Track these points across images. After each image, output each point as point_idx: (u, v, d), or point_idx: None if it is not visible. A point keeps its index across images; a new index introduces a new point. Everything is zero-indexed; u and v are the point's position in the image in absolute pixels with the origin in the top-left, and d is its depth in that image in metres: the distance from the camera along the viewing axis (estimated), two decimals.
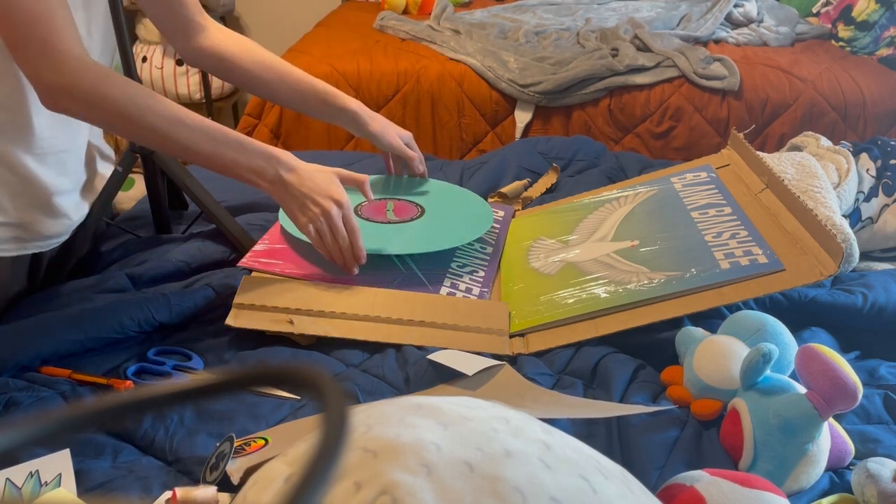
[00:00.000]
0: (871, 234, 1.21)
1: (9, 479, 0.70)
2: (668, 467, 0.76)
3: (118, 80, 0.90)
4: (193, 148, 0.93)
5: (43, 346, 0.92)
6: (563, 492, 0.40)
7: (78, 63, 0.87)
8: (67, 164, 1.06)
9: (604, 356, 0.93)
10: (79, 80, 0.87)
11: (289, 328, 0.96)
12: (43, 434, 0.26)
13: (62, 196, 1.06)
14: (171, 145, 0.93)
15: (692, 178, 1.21)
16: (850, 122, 2.12)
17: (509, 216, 1.29)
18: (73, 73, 0.87)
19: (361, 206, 1.18)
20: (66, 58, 0.86)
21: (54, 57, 0.86)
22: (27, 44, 0.85)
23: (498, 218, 1.27)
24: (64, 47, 0.86)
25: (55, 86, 0.87)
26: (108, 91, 0.88)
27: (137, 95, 0.90)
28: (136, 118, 0.90)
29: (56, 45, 0.86)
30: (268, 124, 2.21)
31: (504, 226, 1.26)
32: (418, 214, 1.18)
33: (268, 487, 0.44)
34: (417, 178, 1.28)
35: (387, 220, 1.16)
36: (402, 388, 0.89)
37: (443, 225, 1.15)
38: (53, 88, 0.87)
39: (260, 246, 1.09)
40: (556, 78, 2.13)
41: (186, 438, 0.80)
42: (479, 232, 1.14)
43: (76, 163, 1.09)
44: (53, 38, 0.85)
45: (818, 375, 0.75)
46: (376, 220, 1.14)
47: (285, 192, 0.98)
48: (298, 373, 0.27)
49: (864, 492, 0.72)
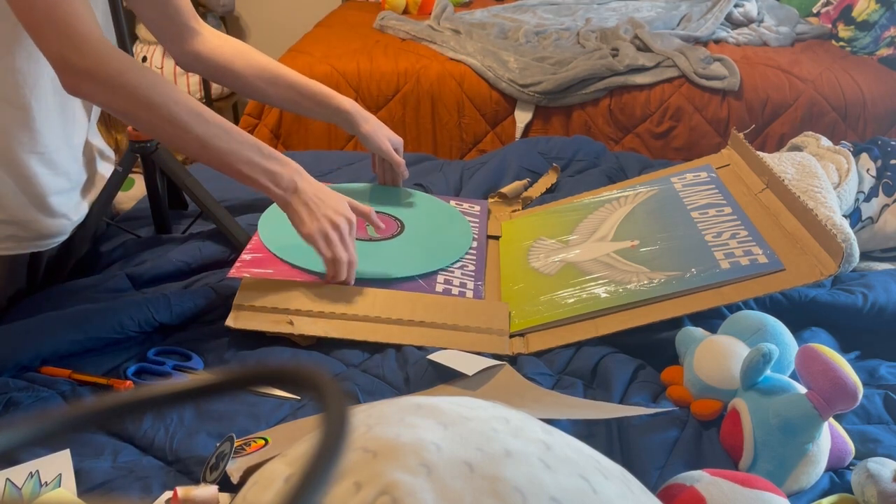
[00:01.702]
0: (871, 234, 1.21)
1: (9, 479, 0.70)
2: (668, 467, 0.76)
3: (141, 67, 0.89)
4: (211, 143, 0.92)
5: (43, 346, 0.91)
6: (563, 492, 0.40)
7: (101, 46, 0.86)
8: (66, 164, 1.06)
9: (604, 356, 0.93)
10: (103, 64, 0.86)
11: (289, 329, 0.95)
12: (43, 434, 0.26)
13: (60, 195, 1.06)
14: (188, 139, 0.91)
15: (692, 178, 1.21)
16: (850, 122, 2.12)
17: (485, 210, 1.30)
18: (97, 56, 0.85)
19: None
20: (88, 40, 0.85)
21: (77, 39, 0.85)
22: (49, 25, 0.84)
23: (476, 212, 1.28)
24: (85, 30, 0.85)
25: (79, 68, 0.85)
26: (132, 77, 0.87)
27: (159, 84, 0.89)
28: (158, 106, 0.88)
29: (77, 28, 0.84)
30: (268, 124, 2.21)
31: (482, 220, 1.26)
32: (398, 231, 1.18)
33: (268, 487, 0.44)
34: (400, 190, 1.30)
35: (367, 236, 1.15)
36: (402, 388, 0.89)
37: (421, 246, 1.15)
38: (77, 71, 0.86)
39: (247, 255, 1.08)
40: (557, 78, 2.13)
41: (186, 438, 0.80)
42: (456, 255, 1.14)
43: (74, 162, 1.09)
44: (74, 21, 0.84)
45: (818, 375, 0.75)
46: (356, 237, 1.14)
47: (298, 199, 0.97)
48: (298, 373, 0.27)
49: (864, 492, 0.72)
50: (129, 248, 1.17)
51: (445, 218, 1.25)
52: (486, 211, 1.30)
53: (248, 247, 1.10)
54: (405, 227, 1.19)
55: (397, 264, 1.09)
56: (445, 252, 1.14)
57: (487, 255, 1.19)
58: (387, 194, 1.29)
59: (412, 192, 1.32)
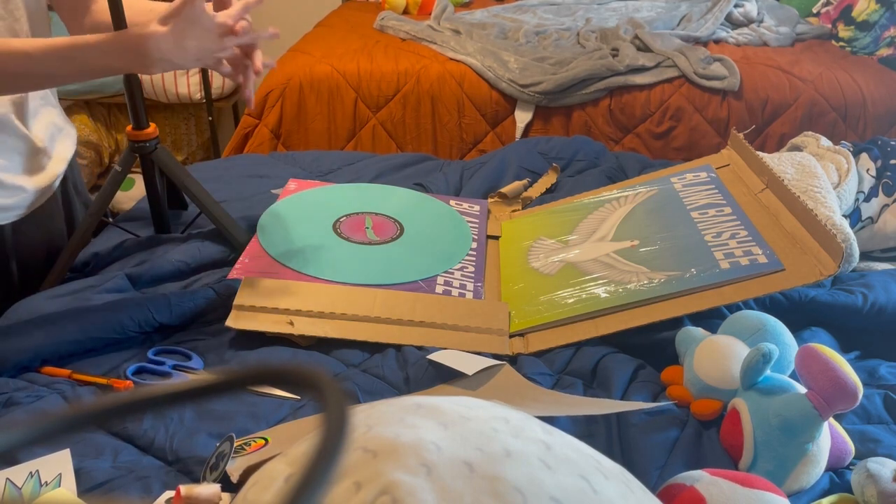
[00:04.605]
0: (871, 234, 1.21)
1: (9, 479, 0.70)
2: (668, 467, 0.76)
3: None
4: (57, 74, 0.91)
5: (43, 346, 0.92)
6: (564, 492, 0.40)
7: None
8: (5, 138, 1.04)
9: (604, 356, 0.93)
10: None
11: (289, 329, 0.96)
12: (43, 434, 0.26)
13: (8, 171, 1.05)
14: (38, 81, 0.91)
15: (692, 178, 1.21)
16: (850, 122, 2.12)
17: (485, 210, 1.30)
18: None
19: (340, 223, 1.18)
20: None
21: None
22: None
23: (475, 212, 1.28)
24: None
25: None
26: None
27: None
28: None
29: None
30: (268, 124, 2.21)
31: (482, 220, 1.26)
32: (397, 234, 1.17)
33: (268, 487, 0.44)
34: (399, 190, 1.28)
35: (367, 239, 1.15)
36: (402, 388, 0.89)
37: (420, 250, 1.15)
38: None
39: (246, 258, 1.08)
40: (557, 78, 2.13)
41: (186, 438, 0.80)
42: (456, 260, 1.13)
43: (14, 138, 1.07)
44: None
45: (818, 375, 0.75)
46: (356, 241, 1.13)
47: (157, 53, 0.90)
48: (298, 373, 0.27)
49: (864, 492, 0.72)
50: (129, 248, 1.17)
51: (445, 220, 1.25)
52: (486, 211, 1.30)
53: (248, 250, 1.10)
54: (404, 229, 1.19)
55: (396, 270, 1.09)
56: (444, 256, 1.14)
57: (487, 255, 1.19)
58: (386, 195, 1.29)
59: (411, 192, 1.31)
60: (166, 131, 2.96)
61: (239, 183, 1.41)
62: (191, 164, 1.43)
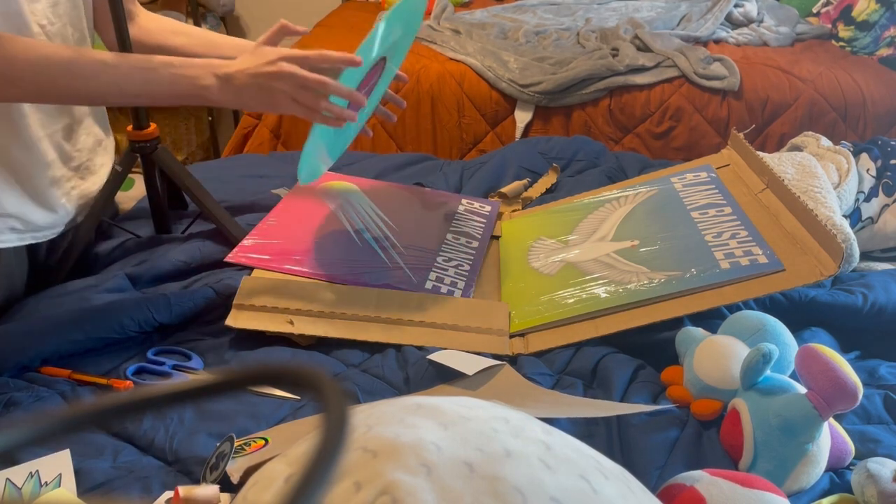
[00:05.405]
0: (871, 234, 1.21)
1: (9, 479, 0.70)
2: (668, 467, 0.76)
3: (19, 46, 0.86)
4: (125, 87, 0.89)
5: (43, 346, 0.91)
6: (564, 492, 0.40)
7: None
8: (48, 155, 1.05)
9: (604, 356, 0.93)
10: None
11: (289, 328, 0.96)
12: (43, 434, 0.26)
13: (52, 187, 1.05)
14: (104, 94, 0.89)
15: (692, 178, 1.21)
16: (850, 122, 2.12)
17: (495, 211, 1.30)
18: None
19: None
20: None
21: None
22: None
23: (484, 213, 1.27)
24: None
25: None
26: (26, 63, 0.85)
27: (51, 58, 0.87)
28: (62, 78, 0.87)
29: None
30: (268, 124, 2.21)
31: (490, 221, 1.26)
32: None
33: (268, 487, 0.44)
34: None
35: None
36: (402, 388, 0.89)
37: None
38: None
39: (248, 241, 1.10)
40: (556, 78, 2.13)
41: (186, 438, 0.80)
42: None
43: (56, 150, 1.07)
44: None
45: (818, 375, 0.75)
46: None
47: (235, 84, 0.89)
48: (298, 373, 0.27)
49: (864, 492, 0.72)
50: (129, 248, 1.17)
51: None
52: (497, 213, 1.30)
53: (253, 231, 1.13)
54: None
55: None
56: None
57: (487, 255, 1.18)
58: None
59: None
60: (166, 131, 2.96)
61: (239, 183, 1.41)
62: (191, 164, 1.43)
